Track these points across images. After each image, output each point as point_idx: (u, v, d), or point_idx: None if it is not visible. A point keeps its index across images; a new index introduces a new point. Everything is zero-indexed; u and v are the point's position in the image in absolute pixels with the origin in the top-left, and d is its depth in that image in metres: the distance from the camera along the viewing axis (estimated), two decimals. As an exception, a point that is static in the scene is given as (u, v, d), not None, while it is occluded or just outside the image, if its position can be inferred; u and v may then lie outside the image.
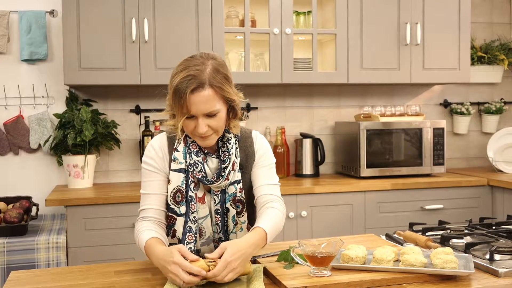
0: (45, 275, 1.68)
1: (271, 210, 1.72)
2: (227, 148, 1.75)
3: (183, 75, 1.62)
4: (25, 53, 3.33)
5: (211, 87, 1.62)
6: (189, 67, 1.63)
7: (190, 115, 1.64)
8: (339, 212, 3.27)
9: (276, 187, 1.82)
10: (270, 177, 1.81)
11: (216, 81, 1.64)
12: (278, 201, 1.78)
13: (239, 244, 1.53)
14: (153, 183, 1.77)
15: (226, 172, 1.72)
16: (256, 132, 1.87)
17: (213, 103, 1.63)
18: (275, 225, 1.69)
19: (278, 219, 1.72)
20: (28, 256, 2.76)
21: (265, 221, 1.66)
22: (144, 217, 1.76)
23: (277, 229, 1.71)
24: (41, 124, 3.39)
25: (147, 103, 3.55)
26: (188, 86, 1.60)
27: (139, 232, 1.70)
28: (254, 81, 3.36)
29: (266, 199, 1.76)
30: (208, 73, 1.63)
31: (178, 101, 1.62)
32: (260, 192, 1.78)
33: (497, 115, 4.08)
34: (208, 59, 1.67)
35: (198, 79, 1.61)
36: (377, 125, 3.48)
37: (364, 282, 1.48)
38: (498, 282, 1.51)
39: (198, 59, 1.66)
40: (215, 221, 1.76)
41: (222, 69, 1.67)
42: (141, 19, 3.17)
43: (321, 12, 3.70)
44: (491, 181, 3.46)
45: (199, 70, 1.62)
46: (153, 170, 1.77)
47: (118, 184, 3.46)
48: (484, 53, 4.01)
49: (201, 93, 1.61)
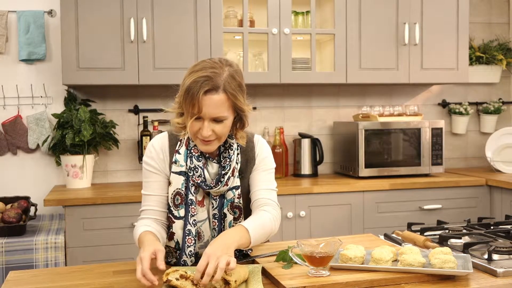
0: (44, 275, 1.68)
1: (261, 212, 1.72)
2: (228, 154, 1.74)
3: (199, 74, 1.61)
4: (23, 53, 3.33)
5: (224, 93, 1.62)
6: (206, 68, 1.62)
7: (198, 116, 1.63)
8: (338, 212, 3.27)
9: (274, 192, 1.82)
10: (268, 182, 1.82)
11: (231, 88, 1.63)
12: (273, 206, 1.77)
13: (214, 240, 1.53)
14: (154, 184, 1.77)
15: (226, 178, 1.71)
16: (258, 136, 1.87)
17: (223, 108, 1.63)
18: (261, 226, 1.67)
19: (267, 220, 1.70)
20: (26, 256, 2.75)
21: (249, 220, 1.66)
22: (144, 217, 1.77)
23: (264, 230, 1.68)
24: (40, 124, 3.38)
25: (146, 103, 3.55)
26: (202, 87, 1.59)
27: (136, 228, 1.74)
28: (252, 81, 3.36)
29: (262, 203, 1.76)
30: (225, 78, 1.62)
31: (190, 100, 1.61)
32: (257, 196, 1.79)
33: (495, 115, 4.08)
34: (226, 65, 1.66)
35: (214, 82, 1.60)
36: (375, 125, 3.48)
37: (363, 282, 1.48)
38: (497, 282, 1.51)
39: (216, 63, 1.65)
40: (213, 226, 1.76)
41: (238, 77, 1.67)
42: (139, 19, 3.16)
43: (320, 12, 3.70)
44: (489, 181, 3.46)
45: (216, 74, 1.61)
46: (153, 171, 1.77)
47: (117, 184, 3.45)
48: (482, 53, 4.01)
49: (213, 96, 1.60)
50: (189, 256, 1.71)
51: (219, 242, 1.51)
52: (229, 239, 1.53)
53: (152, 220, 1.76)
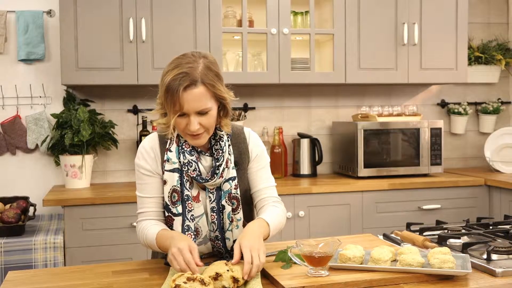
0: (43, 276, 1.68)
1: (274, 208, 1.79)
2: (220, 146, 1.76)
3: (175, 72, 1.62)
4: (22, 53, 3.32)
5: (203, 85, 1.63)
6: (181, 65, 1.64)
7: (182, 113, 1.64)
8: (337, 212, 3.27)
9: (274, 188, 1.88)
10: (267, 179, 1.86)
11: (208, 79, 1.64)
12: (280, 202, 1.86)
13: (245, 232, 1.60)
14: (148, 186, 1.78)
15: (221, 169, 1.72)
16: (247, 129, 1.89)
17: (205, 100, 1.64)
18: (278, 220, 1.76)
19: (281, 215, 1.80)
20: (25, 257, 2.75)
21: (267, 214, 1.74)
22: (146, 219, 1.78)
23: (280, 224, 1.78)
24: (39, 124, 3.38)
25: (145, 103, 3.55)
26: (181, 84, 1.60)
27: (145, 229, 1.73)
28: (251, 81, 3.36)
29: (270, 201, 1.83)
30: (201, 70, 1.64)
31: (170, 99, 1.62)
32: (262, 195, 1.84)
33: (494, 115, 4.08)
34: (199, 57, 1.67)
35: (191, 77, 1.62)
36: (374, 125, 3.48)
37: (362, 282, 1.49)
38: (495, 282, 1.51)
39: (190, 57, 1.67)
40: (211, 219, 1.77)
41: (214, 67, 1.69)
42: (138, 19, 3.16)
43: (319, 12, 3.70)
44: (488, 181, 3.46)
45: (192, 68, 1.63)
46: (147, 173, 1.78)
47: (116, 184, 3.45)
48: (481, 53, 4.01)
49: (193, 91, 1.62)
50: None
51: (251, 234, 1.58)
52: (257, 232, 1.61)
53: (156, 221, 1.77)
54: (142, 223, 1.77)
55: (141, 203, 1.79)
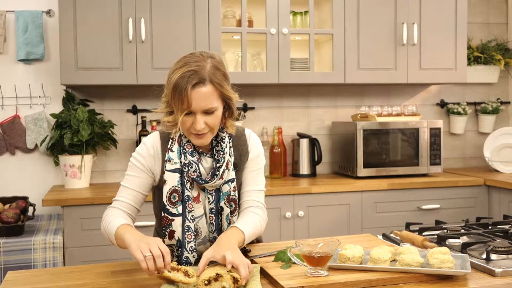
0: (42, 275, 1.68)
1: (252, 215, 1.78)
2: (221, 147, 1.76)
3: (183, 70, 1.62)
4: (21, 53, 3.32)
5: (211, 84, 1.64)
6: (189, 63, 1.64)
7: (188, 112, 1.64)
8: (336, 212, 3.27)
9: (262, 193, 1.87)
10: (257, 182, 1.86)
11: (217, 78, 1.65)
12: (262, 208, 1.84)
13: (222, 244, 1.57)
14: (136, 179, 1.77)
15: (221, 171, 1.72)
16: (249, 130, 1.89)
17: (212, 99, 1.64)
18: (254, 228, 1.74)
19: (258, 223, 1.78)
20: (24, 257, 2.75)
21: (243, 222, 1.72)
22: (117, 207, 1.76)
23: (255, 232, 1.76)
24: (38, 124, 3.38)
25: (144, 103, 3.54)
26: (189, 81, 1.60)
27: (111, 216, 1.70)
28: (251, 81, 3.36)
29: (252, 204, 1.82)
30: (209, 70, 1.64)
31: (178, 97, 1.62)
32: (247, 197, 1.83)
33: (493, 115, 4.08)
34: (207, 57, 1.68)
35: (199, 75, 1.62)
36: (374, 125, 3.48)
37: (361, 282, 1.49)
38: (495, 282, 1.51)
39: (197, 56, 1.67)
40: (210, 221, 1.77)
41: (221, 67, 1.69)
42: (138, 19, 3.16)
43: (318, 12, 3.70)
44: (487, 181, 3.46)
45: (200, 66, 1.63)
46: (140, 167, 1.77)
47: (115, 184, 3.45)
48: (480, 53, 4.01)
49: (201, 89, 1.62)
50: (190, 252, 1.71)
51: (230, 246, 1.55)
52: (233, 243, 1.59)
53: (124, 213, 1.75)
54: (110, 210, 1.75)
55: (120, 191, 1.79)
